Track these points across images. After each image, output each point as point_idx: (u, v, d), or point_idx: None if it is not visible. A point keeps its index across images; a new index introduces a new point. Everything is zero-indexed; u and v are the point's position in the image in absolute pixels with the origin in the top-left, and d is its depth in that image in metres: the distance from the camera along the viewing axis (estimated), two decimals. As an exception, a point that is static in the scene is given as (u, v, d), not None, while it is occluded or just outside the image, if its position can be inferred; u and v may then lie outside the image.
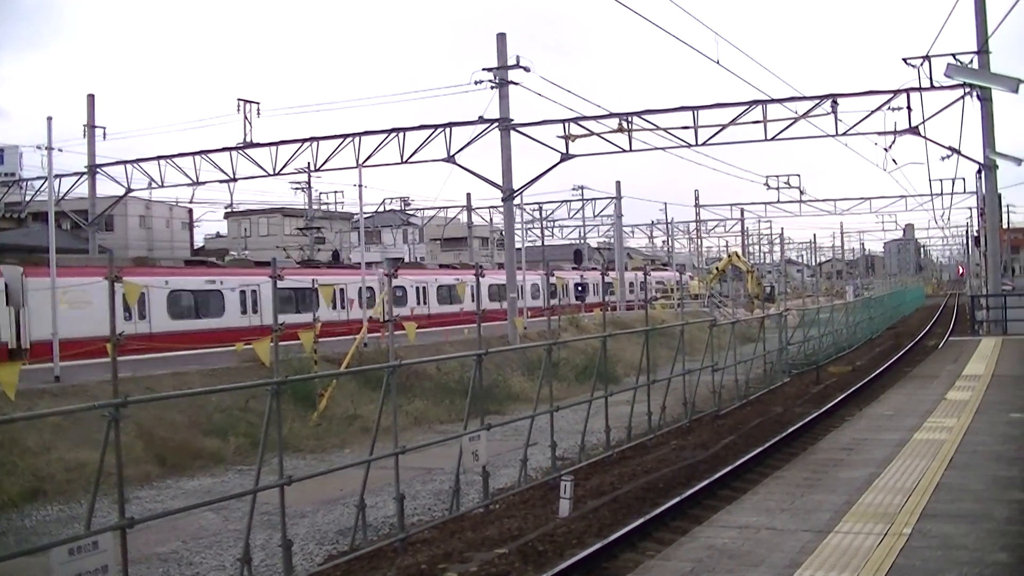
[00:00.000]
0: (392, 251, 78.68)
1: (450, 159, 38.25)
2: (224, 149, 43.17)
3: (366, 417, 24.20)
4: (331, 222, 76.69)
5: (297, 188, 69.16)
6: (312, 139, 41.13)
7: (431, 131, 38.73)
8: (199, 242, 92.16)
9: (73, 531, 10.62)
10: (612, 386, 22.94)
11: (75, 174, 48.35)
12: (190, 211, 78.98)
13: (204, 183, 44.25)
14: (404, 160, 39.18)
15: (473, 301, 20.10)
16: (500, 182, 38.44)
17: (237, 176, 43.37)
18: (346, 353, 27.79)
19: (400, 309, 43.02)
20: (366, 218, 55.66)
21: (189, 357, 27.83)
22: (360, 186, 48.92)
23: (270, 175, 42.46)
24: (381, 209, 73.75)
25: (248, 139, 43.13)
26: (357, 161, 39.89)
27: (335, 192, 75.29)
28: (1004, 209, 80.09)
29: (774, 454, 20.21)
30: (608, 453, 20.23)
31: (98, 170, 47.74)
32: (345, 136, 40.41)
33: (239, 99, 43.47)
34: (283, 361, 13.31)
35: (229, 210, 74.28)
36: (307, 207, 67.48)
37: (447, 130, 38.33)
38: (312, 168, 43.13)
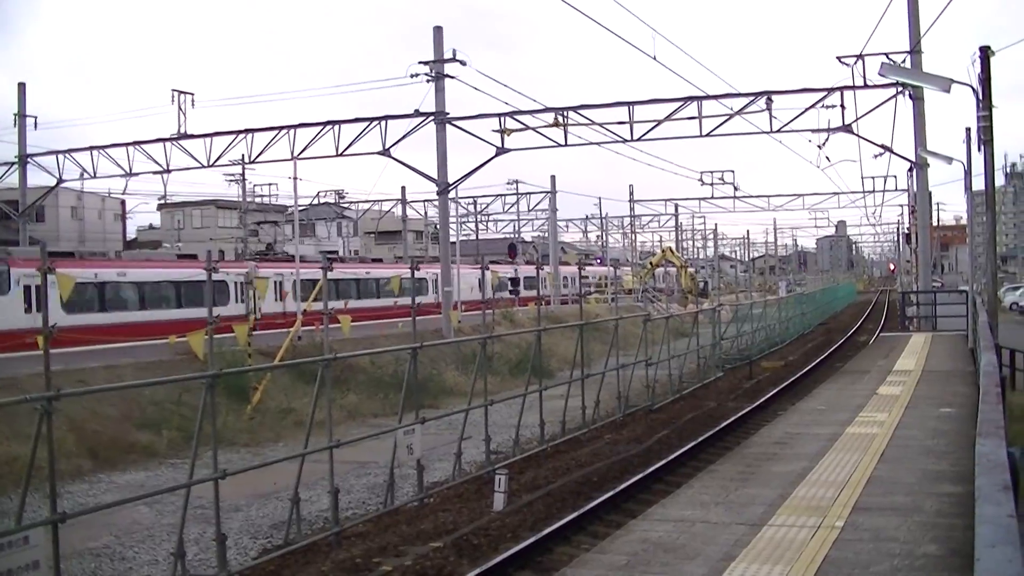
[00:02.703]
0: (326, 244, 78.25)
1: (385, 152, 38.05)
2: (158, 140, 42.59)
3: (300, 411, 24.04)
4: (265, 215, 76.04)
5: (231, 180, 68.42)
6: (247, 131, 40.71)
7: (366, 124, 38.49)
8: (131, 234, 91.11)
9: (3, 526, 10.41)
10: (546, 380, 23.00)
11: (5, 164, 47.48)
12: (123, 202, 77.95)
13: (137, 174, 43.64)
14: (339, 153, 38.90)
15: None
16: (435, 176, 38.31)
17: (171, 167, 42.80)
18: (280, 346, 27.60)
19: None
20: (300, 211, 55.28)
21: (123, 350, 27.46)
22: (295, 178, 48.73)
23: (204, 167, 41.98)
24: (316, 202, 73.14)
25: (182, 130, 42.57)
26: (292, 153, 39.55)
27: (270, 184, 74.43)
28: (934, 207, 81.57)
29: (708, 448, 20.38)
30: (542, 447, 20.27)
31: (29, 160, 46.87)
32: (280, 128, 40.05)
33: (173, 90, 42.90)
34: (217, 354, 13.17)
35: (163, 202, 73.44)
36: (241, 199, 66.79)
37: (382, 123, 38.11)
38: (247, 160, 42.70)
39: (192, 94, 43.18)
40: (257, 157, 41.10)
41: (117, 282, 35.70)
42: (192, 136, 42.23)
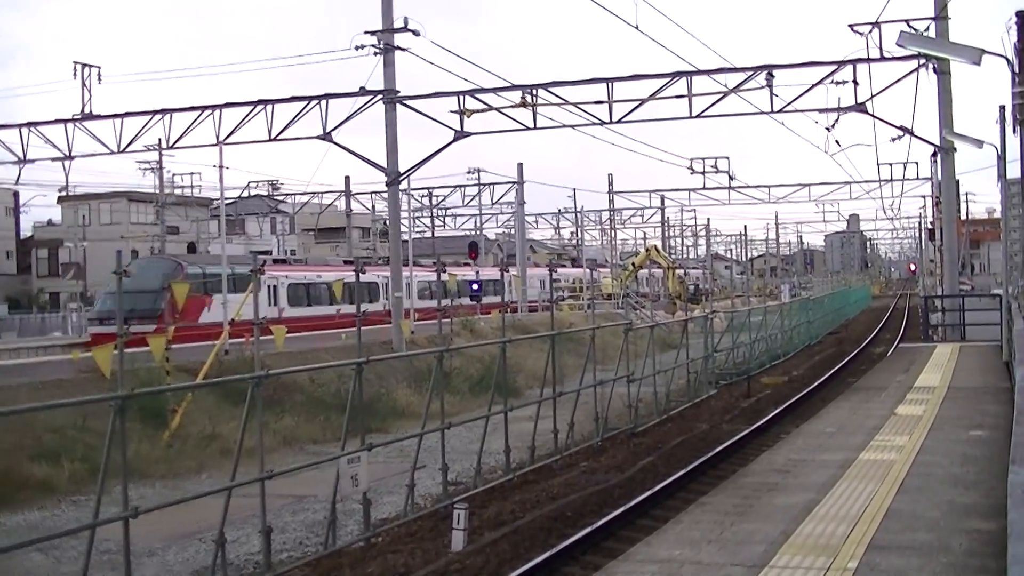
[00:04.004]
0: (257, 243, 77.94)
1: (326, 136, 37.92)
2: (58, 121, 42.26)
3: (227, 437, 23.87)
4: (186, 208, 75.67)
5: (146, 168, 68.21)
6: (164, 111, 40.47)
7: (304, 104, 38.35)
8: (27, 231, 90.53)
9: None
10: (513, 400, 22.95)
11: None
12: (15, 194, 77.37)
13: (33, 161, 43.31)
14: (272, 137, 38.74)
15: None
16: (384, 164, 38.22)
17: (73, 154, 42.50)
18: (204, 362, 27.42)
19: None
20: (228, 204, 55.03)
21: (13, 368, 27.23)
22: (221, 167, 48.17)
23: (113, 153, 41.64)
24: (245, 194, 72.94)
25: (87, 110, 42.33)
26: (217, 138, 39.37)
27: (191, 174, 73.96)
28: (962, 198, 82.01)
29: (699, 477, 20.37)
30: (508, 477, 20.22)
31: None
32: (203, 108, 39.84)
33: (76, 62, 42.67)
34: (129, 372, 13.05)
35: (64, 193, 72.93)
36: (158, 191, 66.48)
37: (323, 103, 37.98)
38: (164, 145, 42.47)
39: (98, 67, 43.05)
40: (176, 142, 40.89)
41: (316, 283, 50.43)
42: (99, 117, 41.94)
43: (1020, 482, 7.00)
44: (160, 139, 42.30)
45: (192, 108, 40.25)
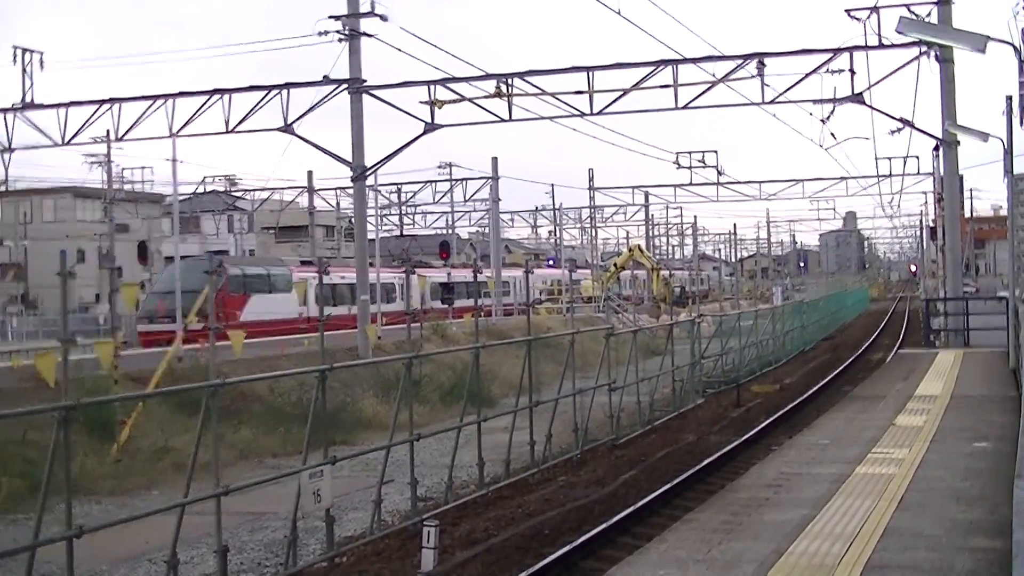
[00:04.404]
0: (213, 242, 77.72)
1: (287, 129, 37.88)
2: (-4, 110, 42.14)
3: (180, 450, 23.81)
4: (137, 205, 75.40)
5: (93, 162, 67.82)
6: (112, 100, 40.36)
7: (264, 93, 38.30)
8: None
9: None
10: (486, 409, 22.92)
11: None
12: (-52, 189, 76.92)
13: (-32, 153, 43.11)
14: (230, 129, 38.68)
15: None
16: (350, 158, 38.19)
17: (13, 146, 42.38)
18: (156, 369, 27.32)
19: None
20: (182, 201, 54.85)
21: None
22: (174, 161, 48.09)
23: (57, 145, 41.55)
24: (200, 190, 72.68)
25: (28, 99, 42.12)
26: (170, 130, 39.28)
27: (142, 168, 73.55)
28: (966, 194, 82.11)
29: (685, 492, 20.39)
30: (481, 492, 20.20)
31: None
32: (155, 98, 39.75)
33: (15, 47, 42.43)
34: (75, 380, 12.99)
35: (3, 188, 72.42)
36: (106, 186, 66.14)
37: (284, 92, 37.93)
38: (112, 137, 42.31)
39: (40, 53, 42.74)
40: (126, 134, 40.78)
41: (339, 284, 52.53)
42: (41, 106, 41.79)
43: (1026, 498, 7.00)
44: (108, 130, 42.10)
45: (143, 97, 40.15)
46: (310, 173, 69.69)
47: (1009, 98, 29.09)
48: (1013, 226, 35.65)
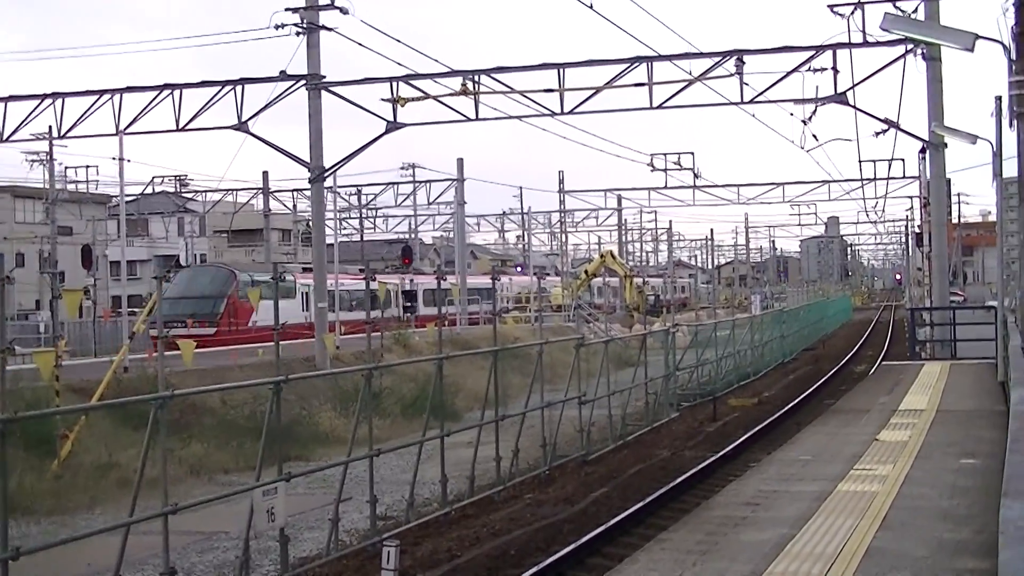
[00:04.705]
0: (163, 246, 77.45)
1: (241, 127, 37.81)
2: (-72, 106, 41.92)
3: (125, 466, 23.69)
4: (81, 206, 75.00)
5: (34, 160, 67.41)
6: (55, 95, 40.23)
7: (216, 89, 38.24)
8: None
9: None
10: (450, 423, 22.88)
11: None
12: None
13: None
14: (180, 127, 38.61)
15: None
16: (307, 158, 38.13)
17: (-53, 143, 42.17)
18: (100, 381, 27.19)
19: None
20: (129, 202, 54.62)
21: None
22: (121, 159, 47.89)
23: (-3, 143, 41.40)
24: (149, 191, 72.40)
25: (-36, 94, 41.91)
26: (117, 127, 39.13)
27: (87, 167, 73.20)
28: (954, 199, 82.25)
29: (659, 511, 20.40)
30: (444, 510, 20.17)
31: None
32: (100, 93, 39.61)
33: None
34: (11, 392, 12.91)
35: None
36: (48, 186, 65.83)
37: (238, 88, 37.87)
38: (55, 134, 42.15)
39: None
40: (69, 130, 40.67)
41: (352, 289, 58.09)
42: (-22, 101, 41.61)
43: (1013, 518, 7.01)
44: (50, 127, 41.95)
45: (88, 92, 39.99)
46: (265, 174, 69.57)
47: (998, 98, 29.20)
48: (1002, 232, 35.72)
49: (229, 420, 28.68)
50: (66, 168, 68.00)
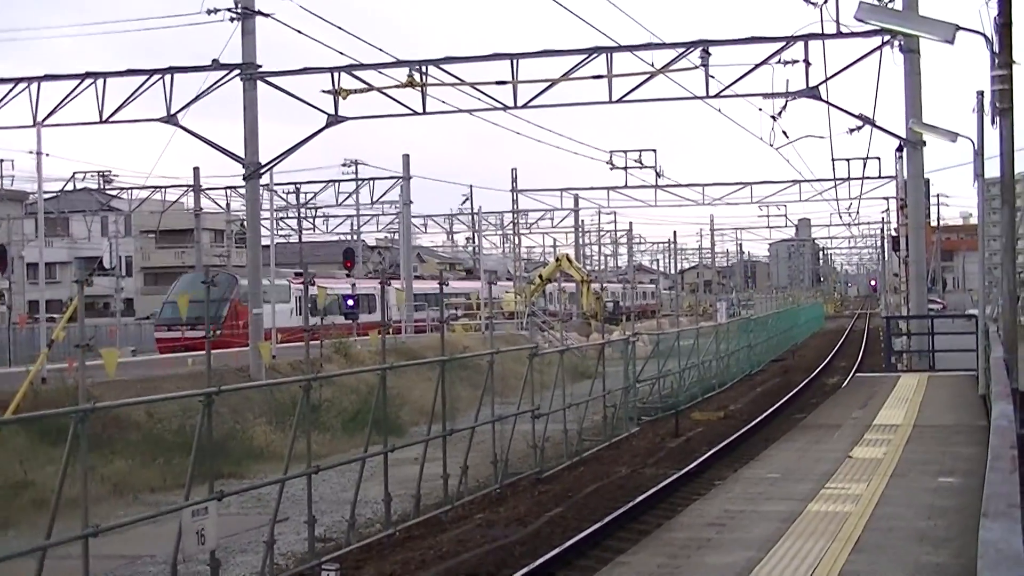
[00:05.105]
0: (84, 247, 76.98)
1: (171, 119, 37.65)
2: None
3: (42, 484, 23.49)
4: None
5: (-55, 155, 67.02)
6: (-35, 84, 39.95)
7: (143, 78, 38.05)
8: None
9: None
10: (394, 438, 22.87)
11: None
12: None
13: None
14: (104, 119, 38.39)
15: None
16: (242, 153, 38.01)
17: None
18: (15, 392, 27.02)
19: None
20: (48, 199, 54.29)
21: None
22: (39, 153, 47.61)
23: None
24: (70, 187, 72.02)
25: None
26: (34, 118, 38.91)
27: (1, 161, 72.98)
28: (932, 200, 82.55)
29: (617, 532, 20.42)
30: (388, 532, 20.14)
31: None
32: (16, 81, 39.33)
33: None
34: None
35: None
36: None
37: (166, 78, 37.70)
38: (-33, 126, 41.87)
39: None
40: (-19, 123, 40.33)
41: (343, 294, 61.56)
42: None
43: (993, 540, 7.01)
44: (-38, 118, 41.62)
45: (2, 80, 39.70)
46: (196, 170, 69.33)
47: (980, 94, 29.39)
48: (983, 235, 35.90)
49: (156, 435, 28.52)
50: (-22, 162, 67.62)
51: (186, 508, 15.09)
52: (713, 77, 35.30)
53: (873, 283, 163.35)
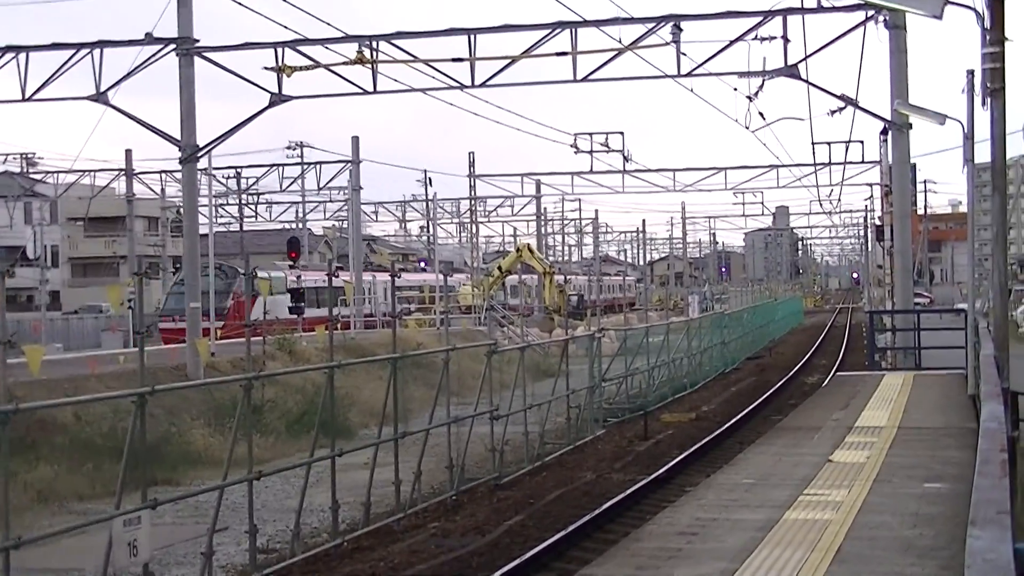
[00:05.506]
0: (7, 235, 76.60)
1: (100, 97, 37.52)
2: None
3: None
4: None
5: None
6: None
7: (70, 53, 37.90)
8: None
9: None
10: (343, 442, 22.87)
11: None
12: None
13: None
14: (27, 97, 38.22)
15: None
16: (178, 135, 37.89)
17: None
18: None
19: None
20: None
21: None
22: (-43, 135, 47.48)
23: None
24: (-9, 171, 71.80)
25: None
26: (-49, 96, 38.70)
27: (-85, 144, 72.87)
28: (919, 187, 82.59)
29: (581, 542, 20.45)
30: (336, 542, 20.13)
31: None
32: (-72, 55, 39.16)
33: None
34: None
35: None
36: None
37: (96, 52, 37.55)
38: None
39: None
40: None
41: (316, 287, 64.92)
42: None
43: (981, 549, 7.02)
44: None
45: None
46: (128, 153, 69.28)
47: (971, 72, 29.40)
48: (973, 225, 35.97)
49: (84, 438, 28.42)
50: None
51: (117, 517, 15.03)
52: (685, 54, 35.37)
53: (855, 276, 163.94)
